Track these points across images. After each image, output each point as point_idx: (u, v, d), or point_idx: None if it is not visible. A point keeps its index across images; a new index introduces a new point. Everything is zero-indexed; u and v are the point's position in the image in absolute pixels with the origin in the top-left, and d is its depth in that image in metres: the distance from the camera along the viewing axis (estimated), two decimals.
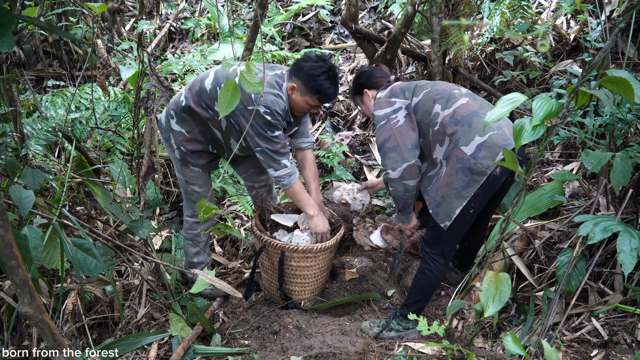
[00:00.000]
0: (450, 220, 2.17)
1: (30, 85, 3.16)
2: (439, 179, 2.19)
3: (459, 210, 2.15)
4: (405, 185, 2.26)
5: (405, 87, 2.31)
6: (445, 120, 2.15)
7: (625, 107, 2.40)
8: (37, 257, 1.81)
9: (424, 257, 2.36)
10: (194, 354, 2.34)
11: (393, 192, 2.33)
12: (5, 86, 2.40)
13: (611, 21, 3.33)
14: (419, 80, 2.37)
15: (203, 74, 2.48)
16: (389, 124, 2.25)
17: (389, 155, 2.24)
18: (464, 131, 2.11)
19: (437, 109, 2.19)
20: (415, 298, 2.39)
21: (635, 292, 2.18)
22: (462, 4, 3.11)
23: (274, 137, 2.37)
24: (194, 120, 2.49)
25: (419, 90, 2.27)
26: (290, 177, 2.48)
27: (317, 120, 4.48)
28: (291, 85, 2.37)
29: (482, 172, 2.07)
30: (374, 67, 2.56)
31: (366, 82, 2.48)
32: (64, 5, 4.79)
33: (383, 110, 2.28)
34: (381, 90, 2.41)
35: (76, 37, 4.78)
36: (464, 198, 2.13)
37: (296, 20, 5.42)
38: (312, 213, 2.57)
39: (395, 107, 2.26)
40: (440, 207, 2.18)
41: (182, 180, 2.68)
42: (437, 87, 2.27)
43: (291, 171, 2.47)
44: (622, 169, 2.01)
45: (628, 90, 1.34)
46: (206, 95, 2.39)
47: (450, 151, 2.14)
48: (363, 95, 2.49)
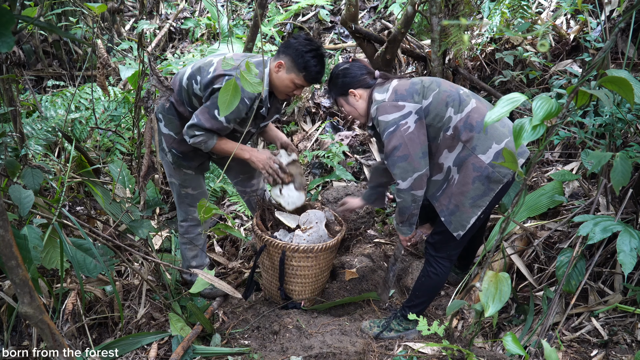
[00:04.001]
0: (464, 230, 2.15)
1: (30, 85, 3.15)
2: (451, 186, 2.14)
3: (474, 220, 2.12)
4: (413, 196, 2.16)
5: (412, 89, 2.15)
6: (459, 126, 2.08)
7: (625, 107, 2.40)
8: (37, 257, 1.81)
9: (429, 261, 2.33)
10: (194, 353, 2.34)
11: (400, 203, 2.21)
12: (5, 86, 2.40)
13: (611, 21, 3.33)
14: (419, 78, 2.23)
15: (181, 71, 2.45)
16: (398, 130, 2.08)
17: (398, 164, 2.10)
18: (480, 138, 2.07)
19: (450, 113, 2.09)
20: (419, 300, 2.39)
21: (635, 292, 2.18)
22: (462, 4, 3.11)
23: (216, 117, 2.27)
24: (179, 120, 2.47)
25: (427, 92, 2.13)
26: (207, 143, 2.35)
27: (317, 120, 4.48)
28: (278, 62, 2.29)
29: (499, 181, 2.07)
30: (355, 63, 2.33)
31: (352, 81, 2.28)
32: (63, 5, 4.79)
33: (391, 115, 2.11)
34: (376, 90, 2.23)
35: (76, 37, 4.78)
36: (479, 207, 2.11)
37: (296, 20, 5.42)
38: (247, 156, 2.45)
39: (404, 111, 2.10)
40: (454, 216, 2.14)
41: (175, 184, 2.66)
42: (443, 87, 2.15)
43: (204, 139, 2.33)
44: (622, 168, 2.01)
45: (628, 90, 1.34)
46: (184, 92, 2.38)
47: (464, 158, 2.09)
48: (349, 96, 2.30)
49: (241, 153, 2.45)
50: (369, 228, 3.34)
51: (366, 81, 2.27)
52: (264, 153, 2.49)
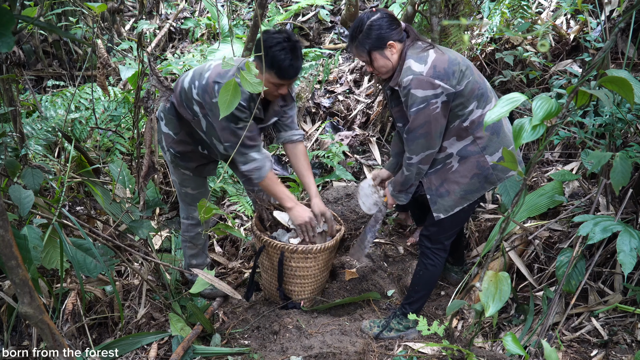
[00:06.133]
0: (445, 215, 2.24)
1: (30, 85, 3.16)
2: (446, 172, 2.20)
3: (458, 209, 2.23)
4: (419, 169, 2.20)
5: (450, 69, 2.03)
6: (477, 121, 2.12)
7: (625, 107, 2.40)
8: (37, 257, 1.81)
9: (425, 253, 2.38)
10: (194, 354, 2.34)
11: (407, 175, 2.24)
12: (5, 86, 2.40)
13: (611, 21, 3.33)
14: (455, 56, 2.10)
15: (184, 74, 2.45)
16: (428, 108, 2.03)
17: (418, 140, 2.10)
18: (492, 140, 2.14)
19: (473, 106, 2.10)
20: (418, 295, 2.41)
21: (635, 292, 2.18)
22: (462, 4, 3.11)
23: (238, 129, 2.23)
24: (179, 121, 2.48)
25: (463, 78, 2.06)
26: (260, 171, 2.34)
27: (317, 120, 4.48)
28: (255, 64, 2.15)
29: (493, 182, 2.20)
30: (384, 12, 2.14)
31: (390, 33, 2.09)
32: (63, 5, 4.79)
33: (424, 91, 2.02)
34: (412, 55, 2.07)
35: (76, 37, 4.78)
36: (467, 200, 2.21)
37: (296, 20, 5.42)
38: (290, 205, 2.46)
39: (437, 91, 2.02)
40: (441, 198, 2.22)
41: (176, 182, 2.68)
42: (475, 76, 2.11)
43: (260, 164, 2.33)
44: (621, 168, 2.02)
45: (628, 90, 1.34)
46: (184, 95, 2.36)
47: (471, 153, 2.15)
48: (386, 49, 2.10)
49: (286, 201, 2.45)
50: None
51: (401, 33, 2.13)
52: (307, 212, 2.49)
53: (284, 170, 4.08)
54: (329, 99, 4.54)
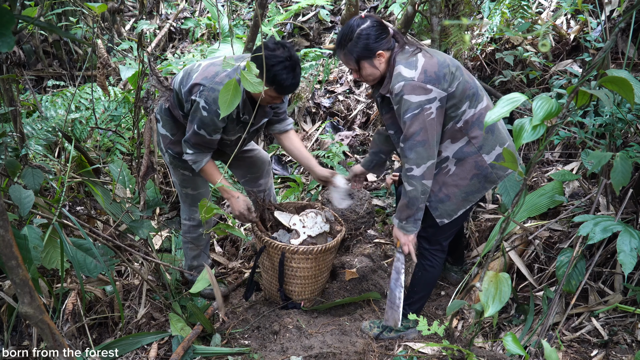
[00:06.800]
0: (450, 219, 2.21)
1: (30, 85, 3.15)
2: (444, 176, 2.17)
3: (461, 212, 2.21)
4: (424, 186, 2.07)
5: (440, 72, 2.01)
6: (471, 121, 2.10)
7: (625, 107, 2.40)
8: (37, 257, 1.81)
9: (423, 254, 2.36)
10: (194, 354, 2.34)
11: (411, 192, 2.08)
12: (5, 86, 2.40)
13: (611, 21, 3.33)
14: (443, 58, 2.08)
15: (175, 75, 2.47)
16: (422, 114, 1.99)
17: (417, 149, 2.02)
18: (487, 139, 2.12)
19: (465, 107, 2.08)
20: (418, 296, 2.41)
21: (635, 292, 2.18)
22: (462, 4, 3.11)
23: (198, 132, 2.29)
24: (174, 122, 2.49)
25: (453, 79, 2.04)
26: (196, 164, 2.39)
27: (317, 120, 4.48)
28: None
29: (493, 181, 2.17)
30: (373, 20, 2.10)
31: (379, 43, 2.07)
32: (64, 5, 4.79)
33: (418, 97, 1.98)
34: (401, 61, 2.05)
35: (76, 37, 4.78)
36: (470, 202, 2.20)
37: (296, 20, 5.42)
38: (227, 195, 2.47)
39: (430, 96, 1.98)
40: (443, 204, 2.19)
41: (176, 183, 2.69)
42: (465, 76, 2.09)
43: (194, 159, 2.38)
44: (622, 168, 2.02)
45: (628, 90, 1.34)
46: (176, 95, 2.39)
47: (467, 154, 2.12)
48: (374, 59, 2.08)
49: (221, 190, 2.47)
50: (369, 228, 3.34)
51: (390, 42, 2.11)
52: (243, 203, 2.49)
53: (284, 170, 4.08)
54: (329, 99, 4.54)
